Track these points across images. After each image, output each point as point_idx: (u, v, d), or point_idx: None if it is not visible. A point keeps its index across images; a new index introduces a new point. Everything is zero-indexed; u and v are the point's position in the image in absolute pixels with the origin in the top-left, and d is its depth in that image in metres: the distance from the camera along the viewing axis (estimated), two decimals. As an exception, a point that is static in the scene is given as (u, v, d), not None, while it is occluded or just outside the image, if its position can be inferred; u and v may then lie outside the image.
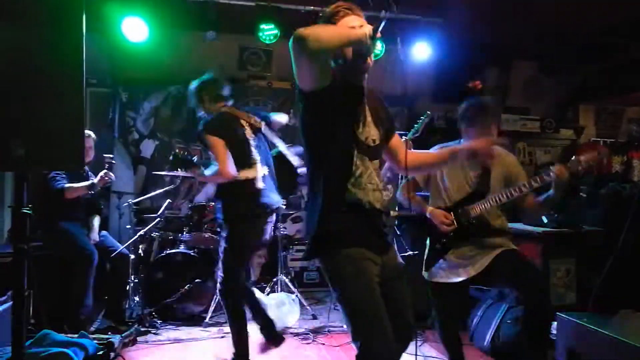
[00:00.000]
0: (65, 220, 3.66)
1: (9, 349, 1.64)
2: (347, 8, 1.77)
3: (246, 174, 2.87)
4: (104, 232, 4.05)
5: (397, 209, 3.89)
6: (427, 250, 2.77)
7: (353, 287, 1.68)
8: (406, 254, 3.86)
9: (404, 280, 1.88)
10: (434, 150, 2.50)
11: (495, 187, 2.64)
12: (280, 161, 3.19)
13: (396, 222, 4.06)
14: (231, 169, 2.78)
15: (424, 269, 2.75)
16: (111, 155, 3.66)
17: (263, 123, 3.09)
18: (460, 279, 2.58)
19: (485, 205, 2.57)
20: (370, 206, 1.77)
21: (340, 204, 1.73)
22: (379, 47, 4.54)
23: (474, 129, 2.59)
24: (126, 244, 3.99)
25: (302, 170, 3.23)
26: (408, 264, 3.74)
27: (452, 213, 2.63)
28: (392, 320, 1.67)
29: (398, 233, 4.08)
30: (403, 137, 2.21)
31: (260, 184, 2.91)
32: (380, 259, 1.78)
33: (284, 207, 3.56)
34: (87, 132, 3.46)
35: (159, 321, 3.82)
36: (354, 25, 1.72)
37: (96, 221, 3.96)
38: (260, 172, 2.93)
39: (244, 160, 2.88)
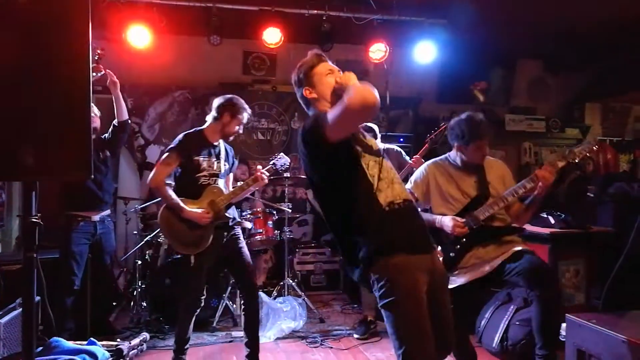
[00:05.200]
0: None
1: (19, 357, 1.65)
2: (319, 55, 2.00)
3: None
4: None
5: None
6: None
7: (404, 299, 1.70)
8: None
9: (447, 288, 1.95)
10: None
11: (498, 189, 2.70)
12: None
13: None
14: None
15: None
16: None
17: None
18: (476, 277, 2.58)
19: (494, 207, 2.62)
20: (401, 199, 1.82)
21: (378, 209, 1.76)
22: None
23: (470, 145, 2.65)
24: (131, 251, 3.98)
25: None
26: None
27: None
28: (437, 327, 1.73)
29: None
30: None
31: None
32: (430, 261, 1.81)
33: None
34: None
35: (166, 326, 3.83)
36: (331, 68, 1.95)
37: None
38: None
39: None
